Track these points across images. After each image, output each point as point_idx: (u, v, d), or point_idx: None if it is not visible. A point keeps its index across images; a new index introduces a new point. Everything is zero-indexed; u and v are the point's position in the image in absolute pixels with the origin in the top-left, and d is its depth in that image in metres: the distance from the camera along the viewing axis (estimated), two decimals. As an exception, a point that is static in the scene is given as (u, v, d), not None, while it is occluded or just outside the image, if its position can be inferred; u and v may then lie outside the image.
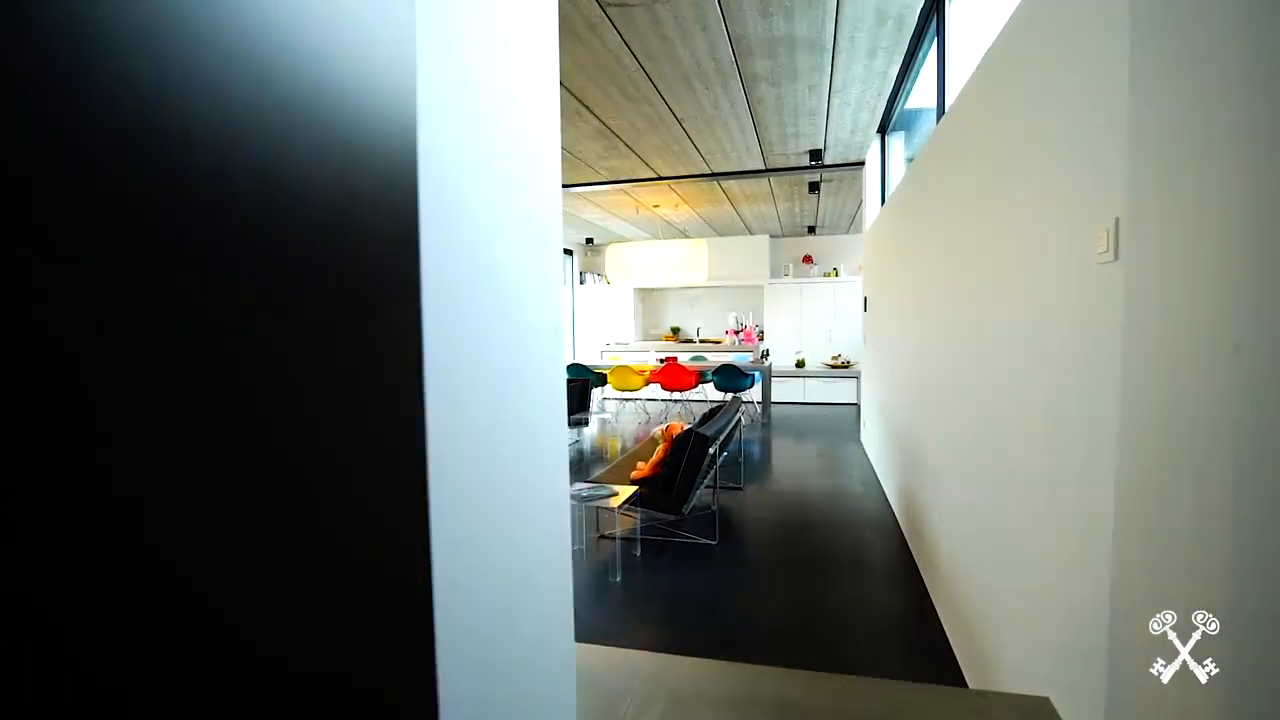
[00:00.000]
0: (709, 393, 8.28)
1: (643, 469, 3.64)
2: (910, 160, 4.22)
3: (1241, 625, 0.83)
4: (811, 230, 9.94)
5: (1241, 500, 0.84)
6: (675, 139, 5.07)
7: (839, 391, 9.16)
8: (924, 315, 3.17)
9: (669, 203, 7.71)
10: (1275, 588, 0.80)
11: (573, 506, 3.01)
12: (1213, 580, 0.87)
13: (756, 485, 4.87)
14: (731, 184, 6.83)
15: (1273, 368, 0.79)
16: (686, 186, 6.92)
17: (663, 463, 3.57)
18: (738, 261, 10.35)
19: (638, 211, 8.20)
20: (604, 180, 6.49)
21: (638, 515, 3.53)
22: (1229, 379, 0.85)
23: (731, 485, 4.71)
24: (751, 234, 10.20)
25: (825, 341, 9.97)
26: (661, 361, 8.12)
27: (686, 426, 3.72)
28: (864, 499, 4.45)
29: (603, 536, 3.62)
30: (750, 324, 9.82)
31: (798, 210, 8.28)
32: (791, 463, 5.76)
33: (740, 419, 4.45)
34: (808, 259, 10.49)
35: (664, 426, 3.66)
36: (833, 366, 9.29)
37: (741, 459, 5.01)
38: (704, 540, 3.50)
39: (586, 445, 6.45)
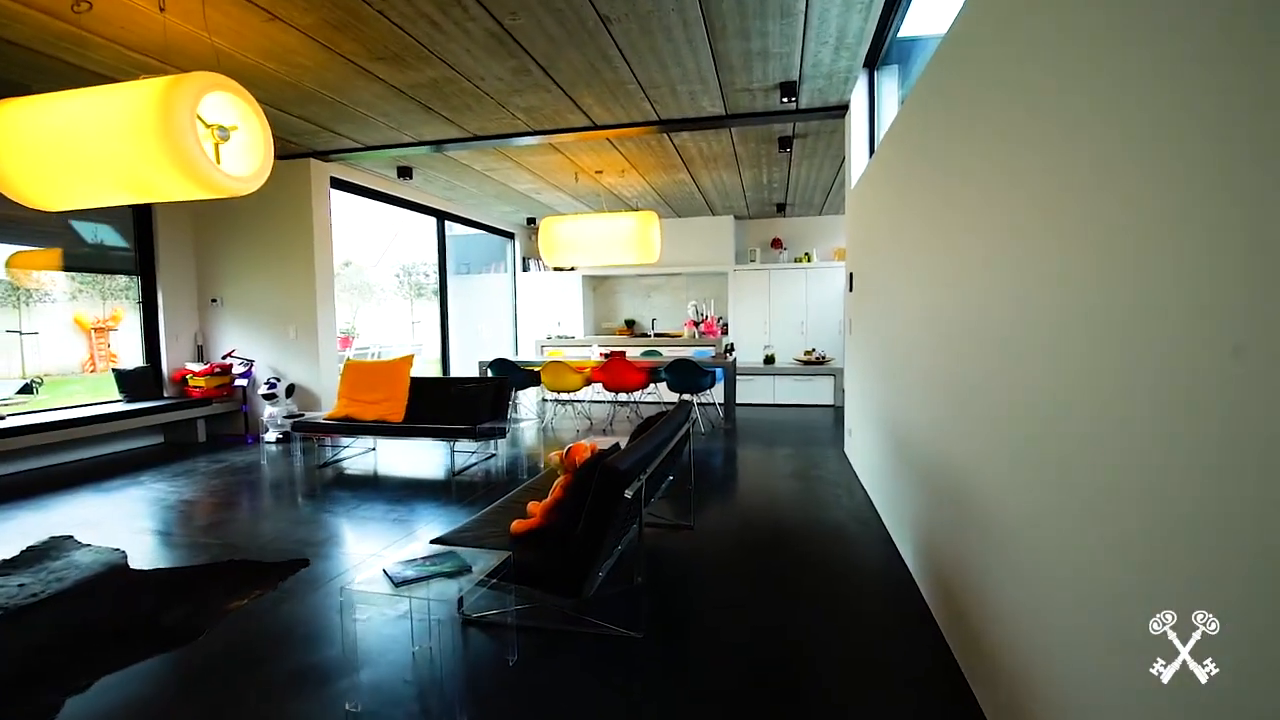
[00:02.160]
0: (664, 393, 7.05)
1: (530, 517, 2.37)
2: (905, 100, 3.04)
3: None
4: (781, 210, 8.79)
5: None
6: (605, 59, 3.80)
7: (814, 391, 8.01)
8: (964, 286, 1.97)
9: (614, 167, 6.45)
10: None
11: (395, 595, 1.75)
12: None
13: (712, 520, 3.64)
14: (687, 141, 5.59)
15: None
16: (632, 144, 5.67)
17: (558, 507, 2.31)
18: (699, 245, 9.14)
19: (578, 179, 6.92)
20: (526, 131, 5.19)
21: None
22: None
23: (675, 523, 3.47)
24: (714, 214, 9.01)
25: (797, 335, 8.82)
26: (606, 357, 6.86)
27: (597, 448, 2.46)
28: (861, 542, 3.25)
29: (468, 620, 2.34)
30: (711, 315, 8.63)
31: (765, 181, 7.10)
32: (760, 484, 4.55)
33: (688, 430, 3.21)
34: (777, 243, 9.35)
35: (562, 451, 2.40)
36: (806, 362, 8.15)
37: (692, 483, 3.79)
38: (621, 630, 2.25)
39: (499, 463, 5.15)
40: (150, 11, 3.13)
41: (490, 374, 6.75)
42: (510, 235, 10.02)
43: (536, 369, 6.76)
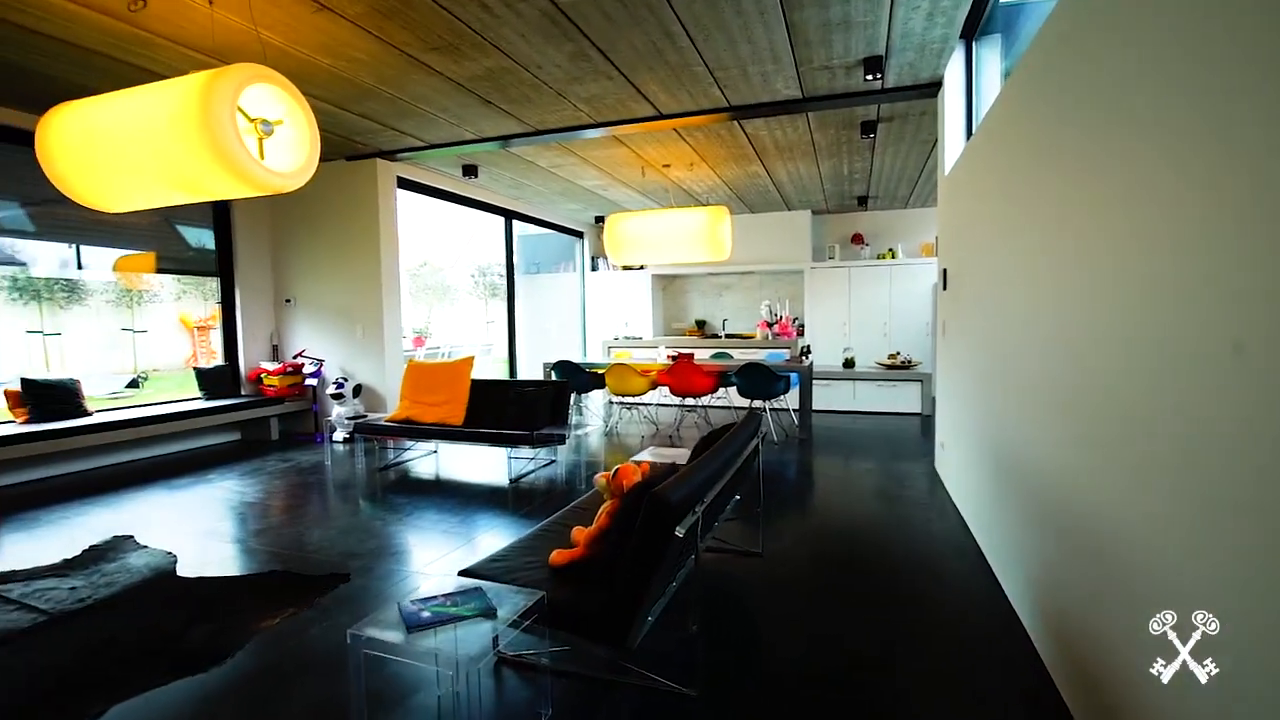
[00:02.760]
0: (735, 398, 6.68)
1: (573, 547, 2.10)
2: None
3: None
4: (862, 203, 8.20)
5: None
6: (668, 37, 3.49)
7: (898, 398, 7.40)
8: (1106, 293, 1.53)
9: (682, 160, 6.12)
10: None
11: (407, 642, 1.52)
12: None
13: (784, 545, 3.26)
14: (760, 129, 5.20)
15: None
16: (700, 135, 5.33)
17: (603, 537, 2.02)
18: (773, 242, 8.69)
19: (645, 174, 6.64)
20: (589, 123, 4.95)
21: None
22: None
23: (741, 549, 3.12)
24: (790, 209, 8.53)
25: (879, 337, 8.22)
26: (673, 359, 6.55)
27: (648, 470, 2.16)
28: (960, 580, 2.80)
29: (504, 659, 2.09)
30: (786, 315, 8.15)
31: (846, 171, 6.59)
32: (839, 503, 4.12)
33: (757, 445, 2.85)
34: (857, 238, 8.75)
35: (609, 472, 2.11)
36: (890, 367, 7.55)
37: (761, 501, 3.42)
38: (672, 685, 1.93)
39: (559, 471, 4.93)
40: (202, 7, 3.08)
41: (553, 376, 6.57)
42: (579, 234, 9.88)
43: (601, 371, 6.53)
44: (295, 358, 6.33)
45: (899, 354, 7.75)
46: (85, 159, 2.96)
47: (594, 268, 9.97)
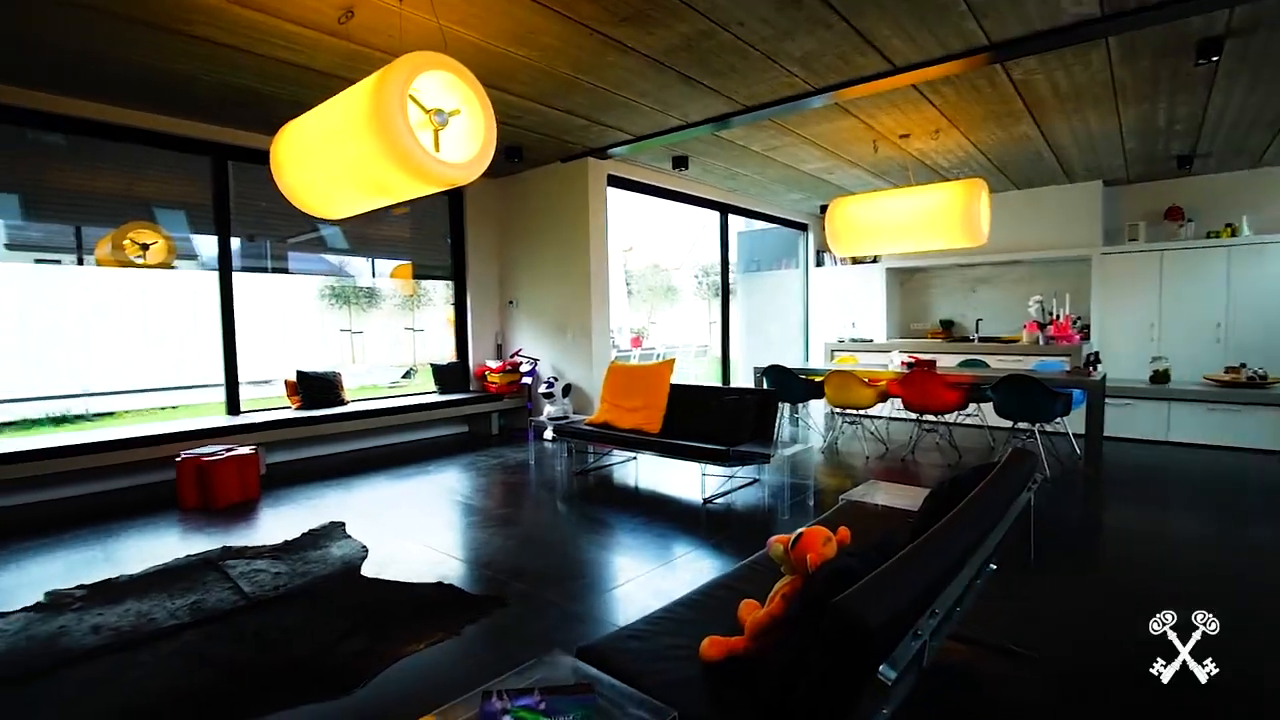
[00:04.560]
0: (991, 417, 5.41)
1: (739, 635, 1.51)
2: None
3: None
4: (1184, 164, 6.15)
5: None
6: (902, -47, 2.69)
7: (1243, 428, 5.38)
8: None
9: (924, 127, 5.08)
10: None
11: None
12: None
13: (1065, 642, 2.28)
14: (1033, 73, 4.01)
15: None
16: (949, 90, 4.30)
17: (776, 627, 1.41)
18: (1048, 223, 7.01)
19: (877, 149, 5.68)
20: (806, 91, 4.25)
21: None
22: None
23: (997, 645, 2.22)
24: (1072, 180, 6.78)
25: (1210, 343, 6.13)
26: (909, 366, 5.50)
27: (848, 539, 1.49)
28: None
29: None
30: (1066, 314, 6.47)
31: (1163, 121, 4.92)
32: (1157, 579, 2.91)
33: (1029, 500, 1.96)
34: (1174, 213, 6.65)
35: (788, 538, 1.49)
36: (1227, 384, 5.55)
37: (1031, 558, 2.43)
38: None
39: (762, 493, 4.30)
40: (392, 7, 3.08)
41: (764, 384, 5.94)
42: (803, 227, 9.07)
43: (820, 379, 5.74)
44: (512, 356, 6.59)
45: (1243, 367, 5.66)
46: (303, 171, 3.15)
47: (819, 263, 9.07)
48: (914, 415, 5.53)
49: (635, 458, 5.26)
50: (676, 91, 4.29)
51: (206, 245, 5.33)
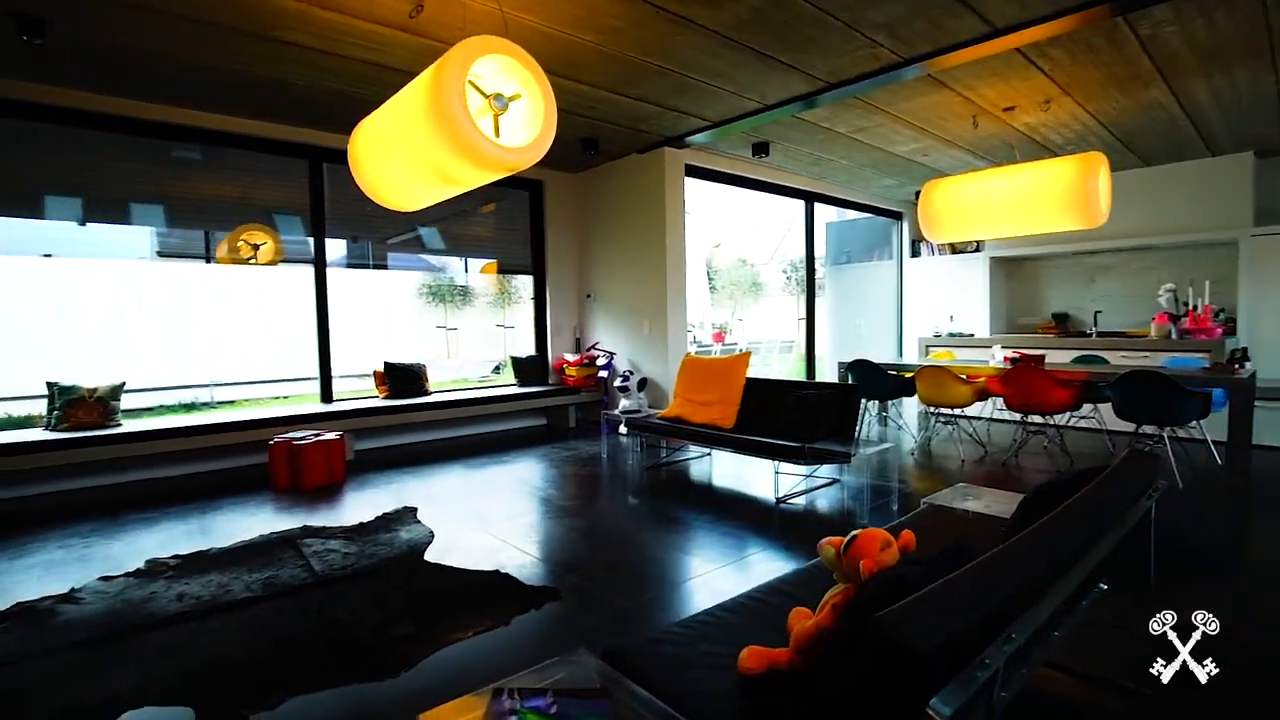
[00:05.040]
0: (1111, 419, 4.83)
1: (785, 647, 1.35)
2: None
3: None
4: (1365, 128, 5.25)
5: None
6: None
7: None
8: None
9: (1032, 96, 4.59)
10: None
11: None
12: None
13: (1199, 684, 1.94)
14: (1164, 24, 3.51)
15: None
16: (1060, 52, 3.85)
17: (824, 640, 1.24)
18: (1183, 203, 6.21)
19: (977, 125, 5.21)
20: (893, 62, 3.94)
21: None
22: None
23: (1110, 680, 1.90)
24: (1213, 152, 5.96)
25: (1394, 336, 5.20)
26: (1014, 361, 5.01)
27: (912, 544, 1.30)
28: None
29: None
30: (1205, 305, 5.69)
31: (1335, 75, 4.19)
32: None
33: (1149, 510, 1.66)
34: (1350, 186, 5.69)
35: (840, 540, 1.32)
36: None
37: (1151, 582, 2.08)
38: None
39: (842, 494, 4.03)
40: (474, 3, 3.09)
41: (850, 380, 5.60)
42: (896, 215, 8.54)
43: (910, 375, 5.34)
44: (589, 350, 6.59)
45: None
46: (376, 165, 3.22)
47: (914, 253, 8.51)
48: (1018, 416, 5.03)
49: (709, 454, 5.10)
50: (752, 71, 4.10)
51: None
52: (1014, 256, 7.58)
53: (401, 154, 2.96)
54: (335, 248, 9.92)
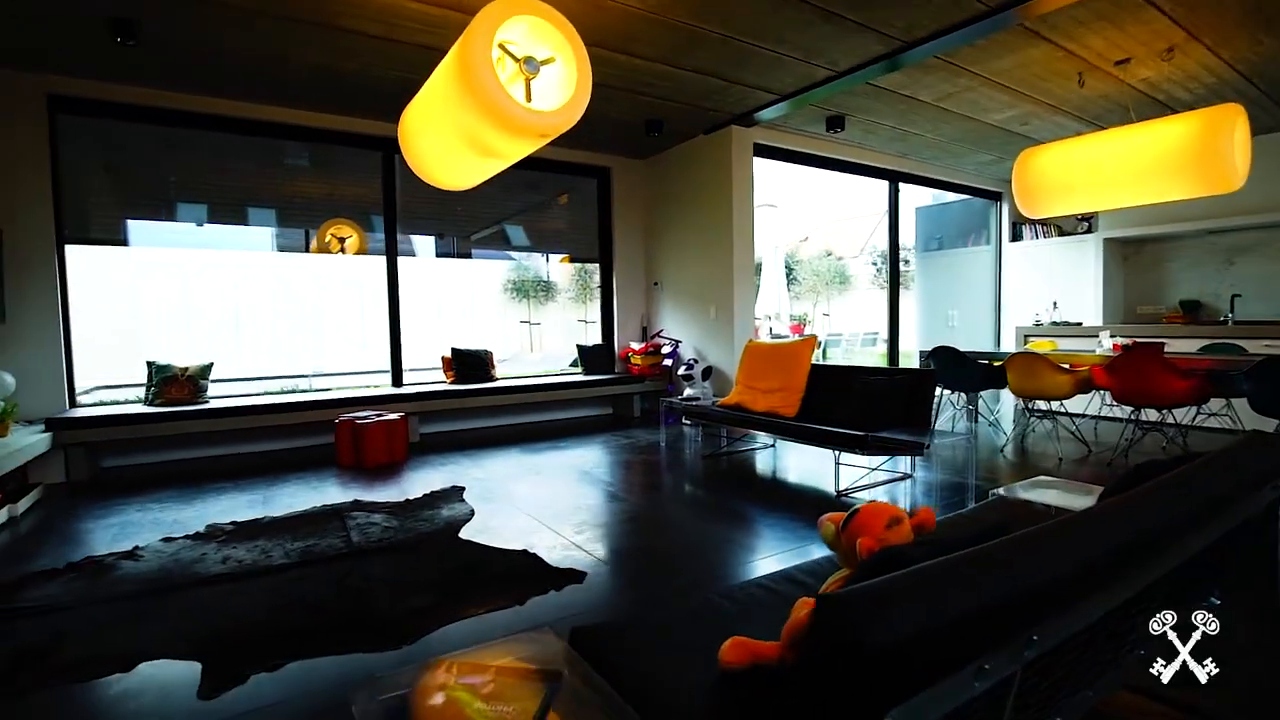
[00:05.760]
0: (1248, 415, 4.16)
1: (773, 640, 1.16)
2: None
3: None
4: None
5: None
6: None
7: None
8: None
9: (1151, 44, 4.02)
10: None
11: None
12: None
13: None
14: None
15: None
16: (1182, -16, 3.32)
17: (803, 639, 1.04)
18: (1350, 167, 5.28)
19: (1083, 83, 4.64)
20: (982, 11, 3.54)
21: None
22: None
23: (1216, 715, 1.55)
24: (1393, 105, 5.02)
25: None
26: (1127, 348, 4.42)
27: (929, 520, 1.07)
28: None
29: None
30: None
31: None
32: None
33: (1269, 506, 1.33)
34: None
35: (839, 517, 1.11)
36: None
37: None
38: None
39: (914, 489, 3.67)
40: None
41: (930, 366, 5.15)
42: (994, 195, 7.85)
43: (999, 363, 4.84)
44: (654, 337, 6.45)
45: None
46: (423, 145, 3.22)
47: (1015, 237, 7.79)
48: (1130, 411, 4.43)
49: (773, 444, 4.83)
50: (819, 33, 3.81)
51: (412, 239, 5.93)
52: (1133, 237, 6.75)
53: (441, 129, 2.94)
54: (425, 244, 10.34)
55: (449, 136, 2.93)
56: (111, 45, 3.65)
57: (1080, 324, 6.58)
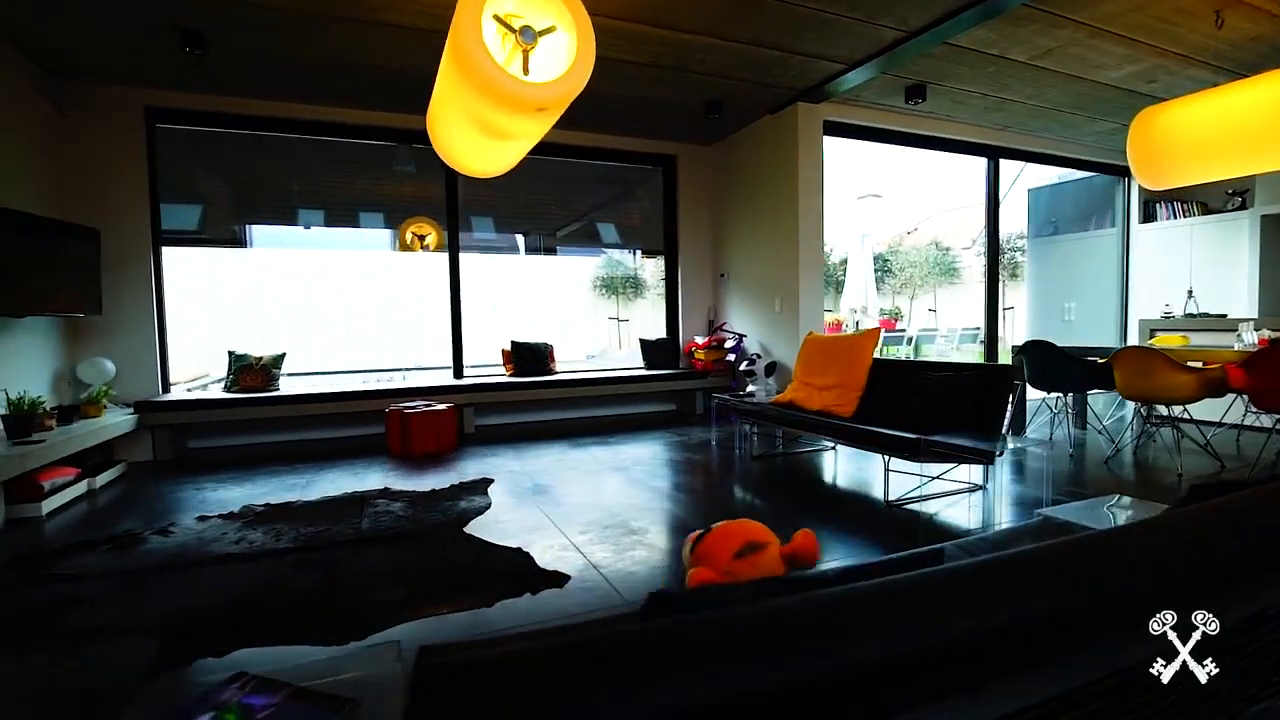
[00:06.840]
0: None
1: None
2: None
3: None
4: None
5: None
6: None
7: None
8: None
9: (1306, -29, 3.27)
10: None
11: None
12: None
13: None
14: None
15: None
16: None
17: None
18: None
19: (1222, 24, 3.88)
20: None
21: None
22: None
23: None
24: None
25: None
26: (1274, 344, 3.64)
27: (811, 552, 0.80)
28: None
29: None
30: None
31: None
32: None
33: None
34: None
35: (694, 535, 0.87)
36: None
37: None
38: None
39: (986, 503, 3.19)
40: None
41: (1025, 367, 4.52)
42: (1119, 171, 6.87)
43: (1104, 360, 4.16)
44: (716, 331, 6.16)
45: None
46: (444, 133, 3.18)
47: (1147, 217, 6.78)
48: (1277, 420, 3.65)
49: (833, 446, 4.43)
50: (877, -14, 3.41)
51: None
52: (1296, 212, 5.65)
53: (453, 113, 2.87)
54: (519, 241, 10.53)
55: (460, 120, 2.86)
56: (184, 56, 3.90)
57: (1224, 316, 5.59)
